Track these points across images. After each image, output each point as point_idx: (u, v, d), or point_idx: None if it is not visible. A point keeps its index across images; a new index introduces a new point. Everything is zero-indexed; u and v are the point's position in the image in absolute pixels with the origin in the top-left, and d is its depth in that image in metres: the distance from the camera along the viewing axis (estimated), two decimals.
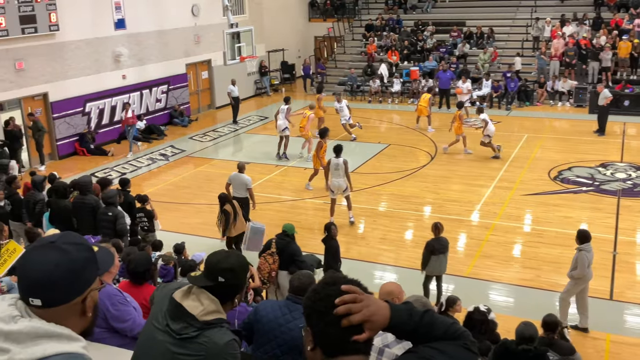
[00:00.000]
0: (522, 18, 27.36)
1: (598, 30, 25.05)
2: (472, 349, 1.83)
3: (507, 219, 13.26)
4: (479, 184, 15.33)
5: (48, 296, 1.77)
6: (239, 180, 12.02)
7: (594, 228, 12.64)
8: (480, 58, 25.67)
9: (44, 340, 1.73)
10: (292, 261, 8.48)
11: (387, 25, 29.47)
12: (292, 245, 8.65)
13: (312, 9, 32.47)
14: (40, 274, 1.77)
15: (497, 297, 10.35)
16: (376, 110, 24.30)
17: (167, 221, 12.71)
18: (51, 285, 1.77)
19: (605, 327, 9.22)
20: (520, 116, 22.40)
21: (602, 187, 14.94)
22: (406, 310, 1.79)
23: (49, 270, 1.77)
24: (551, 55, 24.47)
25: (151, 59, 21.91)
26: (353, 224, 13.09)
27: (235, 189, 12.08)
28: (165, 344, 2.67)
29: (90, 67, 19.58)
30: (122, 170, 17.42)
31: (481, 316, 6.25)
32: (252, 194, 12.18)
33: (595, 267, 10.97)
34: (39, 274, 1.77)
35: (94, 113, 19.85)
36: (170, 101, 22.77)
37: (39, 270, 1.77)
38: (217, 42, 23.69)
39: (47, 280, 1.77)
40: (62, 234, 1.94)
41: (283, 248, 8.59)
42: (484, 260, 11.46)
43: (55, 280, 1.77)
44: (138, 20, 21.00)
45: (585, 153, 17.61)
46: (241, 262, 2.85)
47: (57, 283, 1.78)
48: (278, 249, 8.58)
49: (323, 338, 1.75)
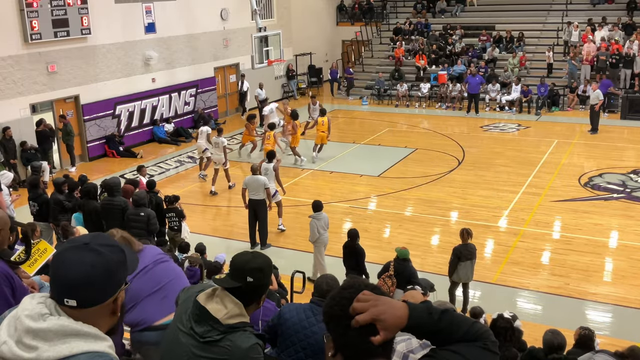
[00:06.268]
0: (553, 22, 27.02)
1: (630, 34, 24.63)
2: (492, 349, 1.80)
3: (535, 226, 13.09)
4: (507, 190, 15.17)
5: (84, 297, 1.80)
6: (255, 182, 12.06)
7: (624, 236, 12.48)
8: (510, 62, 25.42)
9: (71, 339, 1.76)
10: (409, 282, 8.65)
11: (415, 29, 29.36)
12: (408, 268, 8.87)
13: (340, 13, 32.50)
14: (76, 275, 1.79)
15: (524, 304, 10.22)
16: (403, 114, 24.21)
17: (193, 223, 12.82)
18: (88, 286, 1.80)
19: (636, 337, 9.02)
20: (550, 121, 22.12)
21: (634, 194, 14.66)
22: (425, 309, 1.76)
23: (85, 272, 1.79)
24: (582, 60, 24.13)
25: (180, 62, 22.16)
26: (283, 232, 12.99)
27: (252, 192, 12.11)
28: (189, 346, 2.69)
29: (120, 70, 19.87)
30: (151, 172, 17.61)
31: (506, 323, 6.17)
32: (269, 193, 12.25)
33: (625, 275, 10.84)
34: (75, 275, 1.79)
35: (124, 115, 20.13)
36: (198, 104, 22.98)
37: (75, 272, 1.79)
38: (245, 45, 23.84)
39: (83, 281, 1.79)
40: (94, 235, 1.97)
41: (400, 271, 8.81)
42: (511, 266, 11.32)
43: (92, 282, 1.80)
44: (168, 24, 21.26)
45: (616, 159, 17.31)
46: (268, 262, 2.88)
47: (94, 284, 1.80)
48: (396, 271, 8.78)
49: (342, 343, 1.75)
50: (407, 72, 27.18)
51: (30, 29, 16.64)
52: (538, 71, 25.22)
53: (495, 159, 17.78)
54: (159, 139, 21.03)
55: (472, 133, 20.65)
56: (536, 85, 23.63)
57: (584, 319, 8.99)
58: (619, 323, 9.48)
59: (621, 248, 12.04)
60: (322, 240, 10.76)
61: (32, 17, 16.64)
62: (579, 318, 9.09)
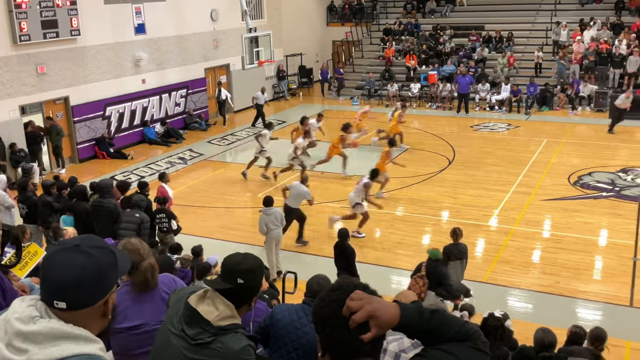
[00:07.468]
0: (542, 22, 27.16)
1: (619, 34, 24.80)
2: (482, 349, 1.82)
3: (525, 225, 13.15)
4: (498, 189, 15.23)
5: (74, 299, 1.80)
6: (297, 190, 12.10)
7: (614, 234, 12.56)
8: (499, 62, 25.54)
9: (62, 342, 1.75)
10: (440, 283, 8.66)
11: (405, 29, 29.43)
12: (440, 268, 8.86)
13: (330, 14, 32.53)
14: (66, 277, 1.78)
15: (515, 303, 10.26)
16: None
17: (185, 224, 12.77)
18: (78, 288, 1.79)
19: (626, 335, 9.09)
20: (540, 121, 22.23)
21: (623, 192, 14.77)
22: (416, 309, 1.79)
23: (75, 274, 1.79)
24: (571, 60, 24.27)
25: (170, 63, 22.10)
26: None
27: (291, 198, 12.13)
28: (180, 348, 2.68)
29: (110, 71, 19.79)
30: (142, 173, 17.56)
31: (496, 322, 6.20)
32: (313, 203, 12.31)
33: (615, 273, 10.93)
34: (65, 277, 1.78)
35: (114, 117, 20.05)
36: (189, 105, 22.93)
37: (65, 274, 1.79)
38: (235, 46, 23.81)
39: (73, 284, 1.78)
40: (85, 237, 1.96)
41: (432, 271, 8.79)
42: (502, 265, 11.37)
43: (82, 284, 1.79)
44: (158, 25, 21.20)
45: (605, 158, 17.42)
46: (260, 264, 2.88)
47: (83, 286, 1.80)
48: (427, 272, 8.77)
49: (330, 343, 1.76)
50: (397, 72, 27.25)
51: (19, 30, 16.55)
52: (527, 71, 25.35)
53: (486, 158, 17.86)
54: (149, 140, 20.97)
55: (463, 133, 20.72)
56: (526, 85, 23.75)
57: (574, 317, 9.04)
58: (609, 321, 9.53)
59: (611, 246, 12.13)
60: (273, 235, 10.82)
61: (21, 19, 16.54)
62: (569, 316, 9.15)
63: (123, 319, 3.43)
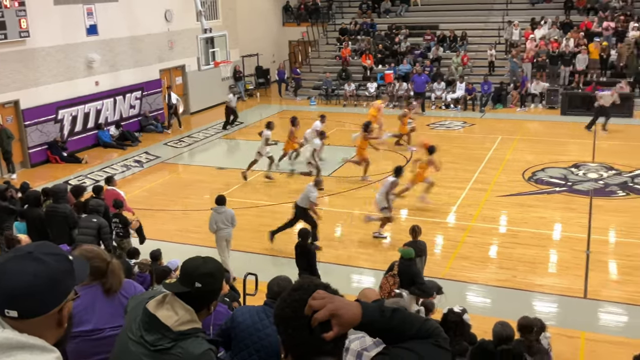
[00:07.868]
0: (494, 22, 27.69)
1: (567, 32, 25.45)
2: (443, 346, 1.84)
3: (482, 220, 13.38)
4: (455, 186, 15.44)
5: (25, 307, 1.74)
6: (307, 190, 12.21)
7: (567, 228, 12.89)
8: (454, 61, 25.92)
9: (16, 352, 1.70)
10: (413, 282, 8.64)
11: (361, 29, 29.61)
12: (412, 268, 8.86)
13: (286, 14, 32.49)
14: (17, 285, 1.73)
15: (473, 298, 10.43)
16: (351, 114, 24.35)
17: (143, 228, 12.56)
18: (29, 296, 1.74)
19: (581, 326, 9.34)
20: (494, 118, 22.65)
21: (575, 187, 15.16)
22: (377, 308, 1.80)
23: (27, 281, 1.74)
24: (523, 58, 24.81)
25: (124, 64, 21.72)
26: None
27: (301, 197, 12.30)
28: (140, 355, 2.63)
29: (62, 73, 19.33)
30: (96, 177, 17.22)
31: (456, 317, 6.29)
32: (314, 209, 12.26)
33: (569, 266, 11.21)
34: (16, 285, 1.73)
35: (67, 120, 19.60)
36: (144, 107, 22.58)
37: (16, 281, 1.74)
38: (190, 47, 23.54)
39: (24, 292, 1.74)
40: (39, 243, 1.91)
41: (404, 270, 8.80)
42: (460, 261, 11.54)
43: (34, 292, 1.74)
44: (110, 26, 20.79)
45: (558, 154, 17.85)
46: (219, 268, 2.85)
47: (35, 294, 1.75)
48: (400, 270, 8.77)
49: (292, 344, 1.76)
50: (354, 71, 27.41)
51: None
52: (481, 69, 25.81)
53: (442, 156, 17.98)
54: (104, 144, 20.58)
55: (419, 131, 20.91)
56: (480, 83, 24.17)
57: (531, 310, 9.22)
58: (565, 313, 9.79)
59: (564, 240, 12.44)
60: (223, 234, 10.86)
61: None
62: (526, 309, 9.31)
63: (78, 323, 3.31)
